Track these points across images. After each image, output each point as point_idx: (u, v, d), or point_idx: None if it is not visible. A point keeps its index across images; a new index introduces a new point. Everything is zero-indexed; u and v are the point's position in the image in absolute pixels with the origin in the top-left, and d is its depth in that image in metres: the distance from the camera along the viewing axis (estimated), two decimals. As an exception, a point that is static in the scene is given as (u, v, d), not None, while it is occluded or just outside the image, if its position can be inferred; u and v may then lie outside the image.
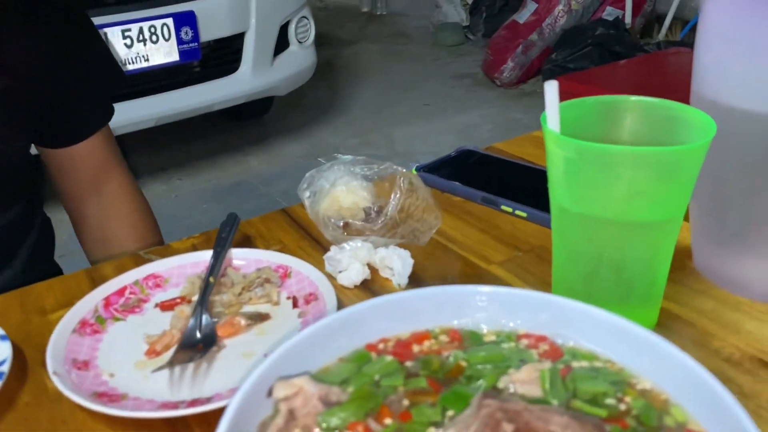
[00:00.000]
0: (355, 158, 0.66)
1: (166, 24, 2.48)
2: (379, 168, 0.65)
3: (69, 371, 0.48)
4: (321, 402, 0.32)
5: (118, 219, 0.87)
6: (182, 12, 2.51)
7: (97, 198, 0.86)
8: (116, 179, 0.87)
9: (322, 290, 0.55)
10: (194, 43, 2.58)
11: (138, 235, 0.87)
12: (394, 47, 4.90)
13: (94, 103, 0.85)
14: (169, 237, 0.69)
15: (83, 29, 0.83)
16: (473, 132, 3.38)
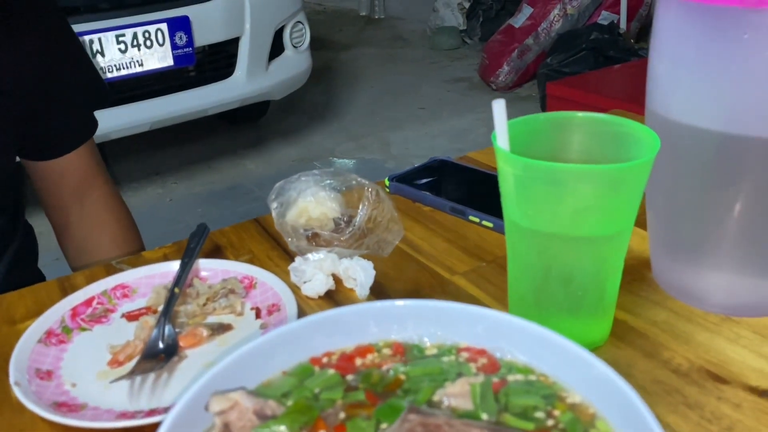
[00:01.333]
0: (323, 170, 0.67)
1: (160, 29, 2.49)
2: (346, 180, 0.66)
3: (31, 381, 0.49)
4: (256, 416, 0.33)
5: (100, 229, 0.88)
6: (176, 17, 2.52)
7: (80, 208, 0.87)
8: (99, 190, 0.88)
9: (284, 301, 0.56)
10: (188, 48, 2.59)
11: (119, 245, 0.88)
12: (391, 51, 4.92)
13: (77, 116, 0.86)
14: (164, 241, 0.70)
15: (66, 43, 0.84)
16: (468, 136, 3.39)
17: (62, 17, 0.83)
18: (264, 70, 2.91)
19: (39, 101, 0.79)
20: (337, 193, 0.68)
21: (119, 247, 0.88)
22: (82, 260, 0.88)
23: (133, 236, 0.91)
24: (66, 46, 0.84)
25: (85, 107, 0.87)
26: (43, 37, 0.78)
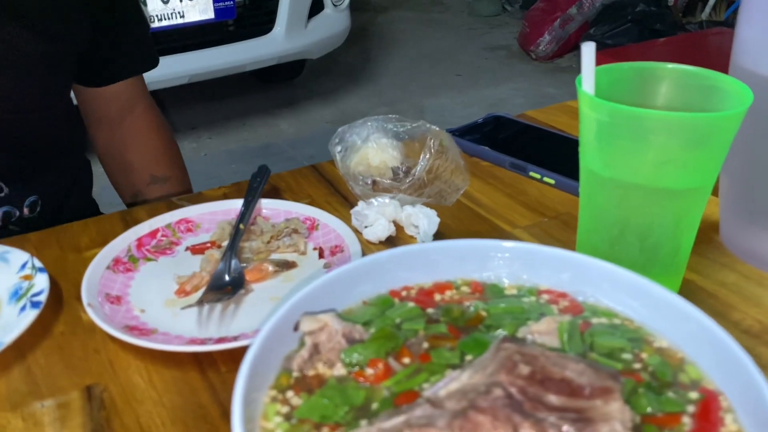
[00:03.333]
0: (387, 116, 0.66)
1: (202, -19, 2.48)
2: (411, 126, 0.66)
3: (102, 304, 0.50)
4: (345, 338, 0.34)
5: (143, 142, 0.89)
6: (219, -30, 2.51)
7: (123, 123, 0.88)
8: (142, 111, 0.89)
9: (347, 243, 0.56)
10: (230, 2, 2.58)
11: (160, 159, 0.89)
12: (430, 16, 4.84)
13: (132, 48, 0.86)
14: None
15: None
16: (504, 105, 3.34)
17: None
18: (303, 28, 2.88)
19: (95, 32, 0.78)
20: (399, 142, 0.67)
21: (160, 162, 0.88)
22: (124, 177, 0.88)
23: (174, 152, 0.92)
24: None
25: (140, 41, 0.87)
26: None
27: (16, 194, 0.75)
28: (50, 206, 0.80)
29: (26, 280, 0.52)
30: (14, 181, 0.74)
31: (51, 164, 0.80)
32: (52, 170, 0.80)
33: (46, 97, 0.77)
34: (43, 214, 0.79)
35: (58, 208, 0.83)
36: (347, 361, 0.33)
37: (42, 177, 0.78)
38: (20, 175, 0.75)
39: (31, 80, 0.72)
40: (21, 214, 0.76)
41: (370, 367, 0.33)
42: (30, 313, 0.48)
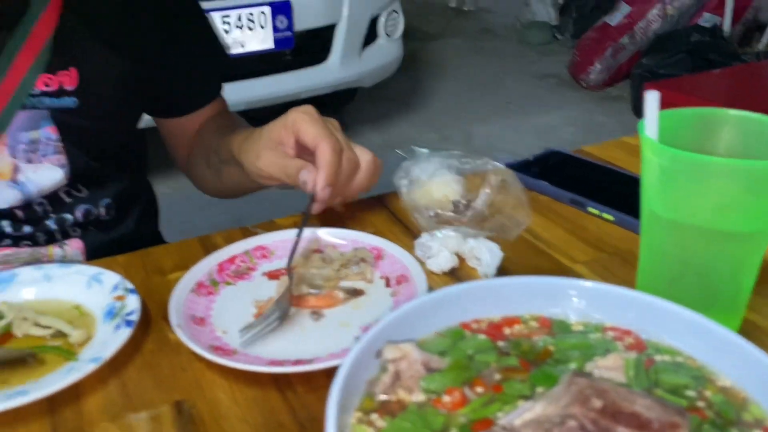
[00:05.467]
0: (450, 152, 0.69)
1: (263, 12, 2.58)
2: (473, 162, 0.69)
3: (188, 325, 0.54)
4: (423, 367, 0.36)
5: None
6: (279, 1, 2.60)
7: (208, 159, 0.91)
8: (221, 118, 0.91)
9: (413, 273, 0.59)
10: (288, 32, 2.67)
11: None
12: (480, 43, 4.88)
13: (200, 80, 0.91)
14: (250, 210, 0.74)
15: (192, 10, 0.89)
16: (554, 133, 3.34)
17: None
18: (357, 57, 2.96)
19: (161, 66, 0.84)
20: (461, 176, 0.70)
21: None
22: (224, 196, 0.91)
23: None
24: (190, 12, 0.89)
25: (209, 72, 0.92)
26: (162, 6, 0.83)
27: (93, 196, 0.80)
28: (121, 211, 0.85)
29: (119, 300, 0.57)
30: (92, 184, 0.80)
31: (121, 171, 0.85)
32: (122, 178, 0.86)
33: (124, 113, 0.83)
34: (115, 217, 0.84)
35: (126, 213, 0.87)
36: (426, 388, 0.36)
37: (114, 183, 0.83)
38: (97, 179, 0.80)
39: (112, 97, 0.78)
40: (98, 214, 0.81)
41: (447, 394, 0.36)
42: (124, 331, 0.53)
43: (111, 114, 0.80)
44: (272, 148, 0.66)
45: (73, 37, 0.73)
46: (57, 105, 0.73)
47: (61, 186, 0.76)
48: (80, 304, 0.58)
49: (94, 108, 0.76)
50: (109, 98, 0.78)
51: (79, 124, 0.75)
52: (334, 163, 0.63)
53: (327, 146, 0.63)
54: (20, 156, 0.72)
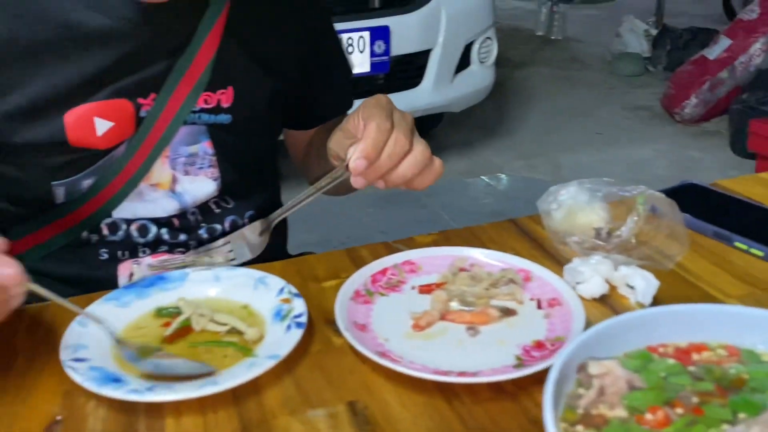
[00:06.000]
0: (598, 179, 0.70)
1: (362, 37, 2.66)
2: (621, 189, 0.69)
3: (351, 330, 0.57)
4: (627, 385, 0.38)
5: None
6: (378, 27, 2.68)
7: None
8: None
9: (566, 297, 0.61)
10: (385, 57, 2.74)
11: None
12: (568, 72, 4.84)
13: (334, 94, 0.95)
14: (334, 233, 0.76)
15: (329, 30, 0.94)
16: (647, 167, 3.26)
17: (324, 9, 0.93)
18: (449, 83, 3.00)
19: (303, 82, 0.88)
20: (606, 203, 0.71)
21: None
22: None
23: None
24: (325, 34, 0.94)
25: (342, 87, 0.97)
26: (306, 23, 0.87)
27: (239, 207, 0.85)
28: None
29: (286, 303, 0.61)
30: (238, 196, 0.84)
31: (263, 184, 0.90)
32: (263, 190, 0.90)
33: (270, 128, 0.88)
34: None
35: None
36: (629, 405, 0.37)
37: (256, 195, 0.88)
38: (242, 192, 0.85)
39: (262, 113, 0.83)
40: (243, 225, 0.86)
41: (650, 412, 0.37)
42: (296, 332, 0.56)
43: (260, 129, 0.85)
44: (344, 130, 0.69)
45: (231, 58, 0.78)
46: (213, 121, 0.78)
47: (213, 197, 0.81)
48: (248, 305, 0.63)
49: (245, 124, 0.81)
50: (259, 114, 0.83)
51: (231, 139, 0.80)
52: (375, 138, 0.63)
53: (373, 123, 0.63)
54: (179, 168, 0.78)
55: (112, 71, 0.70)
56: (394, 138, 0.64)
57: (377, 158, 0.63)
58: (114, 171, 0.74)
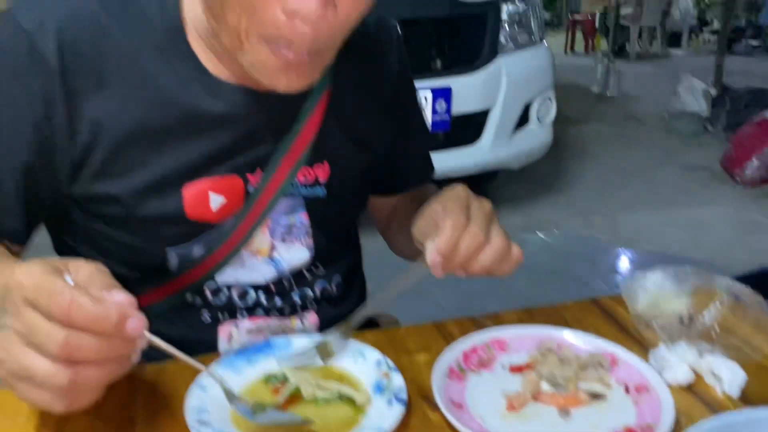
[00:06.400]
0: (682, 267, 0.73)
1: (425, 96, 2.75)
2: (704, 278, 0.72)
3: (450, 409, 0.61)
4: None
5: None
6: (441, 87, 2.76)
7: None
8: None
9: (653, 384, 0.63)
10: (446, 115, 2.82)
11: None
12: (624, 130, 4.85)
13: (418, 160, 1.00)
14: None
15: (414, 98, 0.99)
16: (707, 230, 3.22)
17: (411, 81, 0.98)
18: (508, 141, 3.05)
19: (393, 154, 0.94)
20: (690, 291, 0.73)
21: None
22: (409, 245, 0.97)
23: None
24: (413, 106, 0.99)
25: (426, 155, 1.02)
26: (397, 98, 0.93)
27: (328, 273, 0.90)
28: (347, 287, 0.95)
29: (385, 377, 0.65)
30: (328, 263, 0.89)
31: (348, 249, 0.95)
32: (348, 255, 0.95)
33: (360, 199, 0.93)
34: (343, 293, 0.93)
35: (350, 289, 0.97)
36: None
37: (343, 260, 0.93)
38: (332, 258, 0.90)
39: (354, 186, 0.88)
40: (331, 290, 0.91)
41: None
42: (398, 408, 0.60)
43: (351, 201, 0.91)
44: (426, 217, 0.73)
45: (329, 135, 0.84)
46: (310, 194, 0.84)
47: (306, 264, 0.87)
48: (348, 374, 0.67)
49: (339, 196, 0.87)
50: (351, 187, 0.89)
51: (325, 210, 0.86)
52: (451, 235, 0.66)
53: (449, 219, 0.67)
54: (277, 237, 0.84)
55: (226, 151, 0.76)
56: (469, 232, 0.67)
57: (453, 253, 0.66)
58: (221, 240, 0.80)
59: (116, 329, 0.50)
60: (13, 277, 0.50)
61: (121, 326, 0.50)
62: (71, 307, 0.48)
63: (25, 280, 0.50)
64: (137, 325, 0.51)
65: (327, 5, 0.60)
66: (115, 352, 0.52)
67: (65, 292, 0.49)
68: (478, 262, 0.67)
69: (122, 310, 0.50)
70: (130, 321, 0.50)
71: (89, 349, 0.49)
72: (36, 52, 0.68)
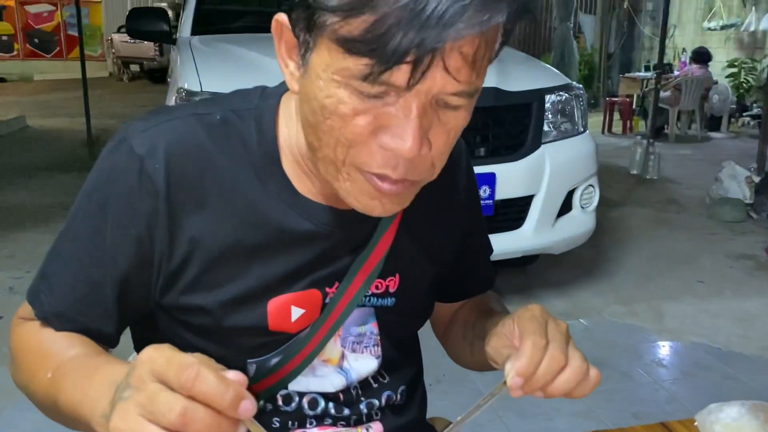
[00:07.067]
0: (759, 402, 0.73)
1: (470, 182, 2.80)
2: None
3: None
4: None
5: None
6: (485, 173, 2.82)
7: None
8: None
9: None
10: (489, 201, 2.86)
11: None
12: (664, 215, 4.82)
13: (480, 270, 1.02)
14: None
15: (478, 207, 1.01)
16: (755, 322, 3.14)
17: (477, 191, 1.01)
18: (550, 227, 3.06)
19: (458, 264, 0.96)
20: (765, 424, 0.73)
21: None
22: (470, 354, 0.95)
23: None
24: (477, 213, 1.01)
25: (487, 262, 1.03)
26: (466, 210, 0.96)
27: (393, 382, 0.91)
28: (410, 396, 0.95)
29: (462, 504, 0.66)
30: (393, 372, 0.91)
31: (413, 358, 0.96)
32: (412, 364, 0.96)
33: (426, 308, 0.95)
34: (406, 402, 0.94)
35: (412, 398, 0.97)
36: None
37: (406, 369, 0.94)
38: (396, 367, 0.91)
39: (421, 296, 0.91)
40: (395, 399, 0.92)
41: None
42: None
43: (419, 311, 0.93)
44: (500, 336, 0.74)
45: (402, 249, 0.87)
46: (380, 304, 0.87)
47: (373, 373, 0.89)
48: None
49: (407, 306, 0.89)
50: (420, 298, 0.92)
51: (393, 320, 0.88)
52: (531, 357, 0.66)
53: (528, 341, 0.67)
54: (348, 346, 0.86)
55: (309, 266, 0.80)
56: (549, 355, 0.68)
57: (533, 375, 0.67)
58: (297, 350, 0.83)
59: (231, 407, 0.51)
60: (142, 355, 0.53)
61: (235, 405, 0.51)
62: (198, 378, 0.50)
63: (155, 354, 0.53)
64: (249, 407, 0.52)
65: (422, 144, 0.63)
66: (222, 430, 0.52)
67: (194, 365, 0.51)
68: (557, 384, 0.68)
69: (239, 390, 0.51)
70: (244, 403, 0.51)
71: (202, 422, 0.51)
72: (146, 174, 0.74)
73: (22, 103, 9.97)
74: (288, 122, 0.78)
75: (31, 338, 0.78)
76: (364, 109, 0.63)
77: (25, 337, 0.78)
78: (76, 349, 0.74)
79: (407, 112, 0.62)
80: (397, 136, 0.63)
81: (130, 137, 0.76)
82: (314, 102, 0.65)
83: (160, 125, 0.77)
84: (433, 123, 0.65)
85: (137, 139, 0.75)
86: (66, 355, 0.73)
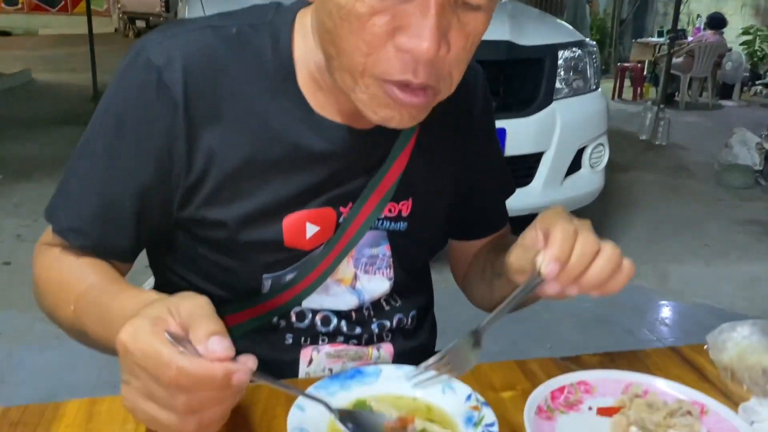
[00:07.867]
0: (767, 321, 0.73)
1: (479, 136, 2.78)
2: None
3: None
4: None
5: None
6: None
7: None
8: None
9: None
10: (499, 156, 2.84)
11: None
12: (673, 181, 4.79)
13: (495, 206, 1.01)
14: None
15: (495, 137, 1.00)
16: (760, 286, 3.15)
17: (492, 118, 0.99)
18: (559, 185, 3.05)
19: (473, 193, 0.96)
20: (778, 345, 0.73)
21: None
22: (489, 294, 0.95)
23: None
24: (495, 141, 1.00)
25: (504, 199, 1.03)
26: (482, 141, 0.95)
27: (405, 306, 0.92)
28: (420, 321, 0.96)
29: (475, 410, 0.66)
30: (404, 296, 0.92)
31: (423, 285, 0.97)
32: (423, 291, 0.97)
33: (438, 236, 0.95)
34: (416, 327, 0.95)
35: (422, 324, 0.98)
36: None
37: (418, 294, 0.95)
38: (408, 291, 0.92)
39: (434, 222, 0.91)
40: (406, 323, 0.93)
41: None
42: (491, 441, 0.62)
43: (431, 237, 0.93)
44: (522, 246, 0.72)
45: (415, 173, 0.87)
46: (392, 227, 0.87)
47: (385, 295, 0.89)
48: (436, 407, 0.69)
49: (419, 231, 0.89)
50: (432, 224, 0.92)
51: (405, 244, 0.88)
52: (563, 240, 0.64)
53: (557, 228, 0.65)
54: (360, 268, 0.86)
55: (324, 184, 0.80)
56: (582, 238, 0.65)
57: (568, 260, 0.64)
58: (310, 267, 0.83)
59: (223, 385, 0.53)
60: (120, 341, 0.54)
61: (227, 382, 0.53)
62: (178, 377, 0.52)
63: (130, 345, 0.54)
64: (242, 377, 0.53)
65: (440, 44, 0.61)
66: (230, 395, 0.55)
67: (170, 364, 0.52)
68: (592, 272, 0.65)
69: (225, 368, 0.53)
70: (235, 376, 0.53)
71: (208, 400, 0.54)
72: (164, 84, 0.73)
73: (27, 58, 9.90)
74: (304, 38, 0.77)
75: (52, 265, 0.78)
76: (382, 8, 0.61)
77: (47, 264, 0.79)
78: (91, 277, 0.74)
79: (425, 10, 0.60)
80: (414, 36, 0.61)
81: (148, 49, 0.75)
82: (330, 3, 0.64)
83: (176, 37, 0.76)
84: (452, 24, 0.63)
85: (155, 51, 0.74)
86: (84, 285, 0.73)
